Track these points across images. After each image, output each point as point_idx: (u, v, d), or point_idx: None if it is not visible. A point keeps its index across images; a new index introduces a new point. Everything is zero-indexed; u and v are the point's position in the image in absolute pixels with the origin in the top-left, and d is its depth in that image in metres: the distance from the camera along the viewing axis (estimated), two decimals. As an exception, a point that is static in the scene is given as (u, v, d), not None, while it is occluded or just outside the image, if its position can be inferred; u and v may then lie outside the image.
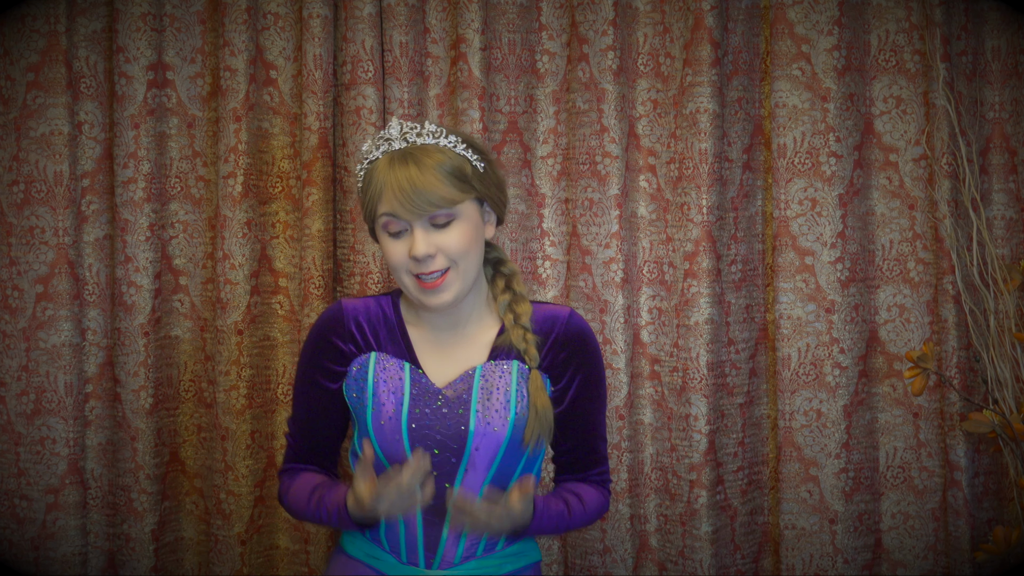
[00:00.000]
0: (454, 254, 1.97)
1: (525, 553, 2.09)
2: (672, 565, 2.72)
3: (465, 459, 1.99)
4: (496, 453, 2.00)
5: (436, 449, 1.98)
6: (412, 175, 1.95)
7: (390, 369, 2.03)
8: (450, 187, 1.97)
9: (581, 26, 2.74)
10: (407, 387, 2.01)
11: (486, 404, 2.00)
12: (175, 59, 2.77)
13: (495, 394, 2.01)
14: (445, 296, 1.98)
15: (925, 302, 2.73)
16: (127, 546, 2.75)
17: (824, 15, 2.70)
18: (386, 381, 2.02)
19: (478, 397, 2.00)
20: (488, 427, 1.99)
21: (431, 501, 1.92)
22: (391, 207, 1.97)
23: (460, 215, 1.99)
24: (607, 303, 2.73)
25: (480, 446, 1.99)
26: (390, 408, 2.00)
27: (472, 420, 1.98)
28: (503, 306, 2.07)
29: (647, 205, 2.75)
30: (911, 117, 2.72)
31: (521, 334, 2.04)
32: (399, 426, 1.99)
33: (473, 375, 2.02)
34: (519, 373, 2.03)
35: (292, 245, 2.79)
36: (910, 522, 2.74)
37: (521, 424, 2.00)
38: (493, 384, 2.01)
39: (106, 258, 2.77)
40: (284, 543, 2.80)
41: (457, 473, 1.99)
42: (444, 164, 1.98)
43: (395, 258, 1.98)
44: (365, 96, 2.72)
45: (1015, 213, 2.72)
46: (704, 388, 2.68)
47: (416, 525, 2.01)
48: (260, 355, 2.78)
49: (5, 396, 2.74)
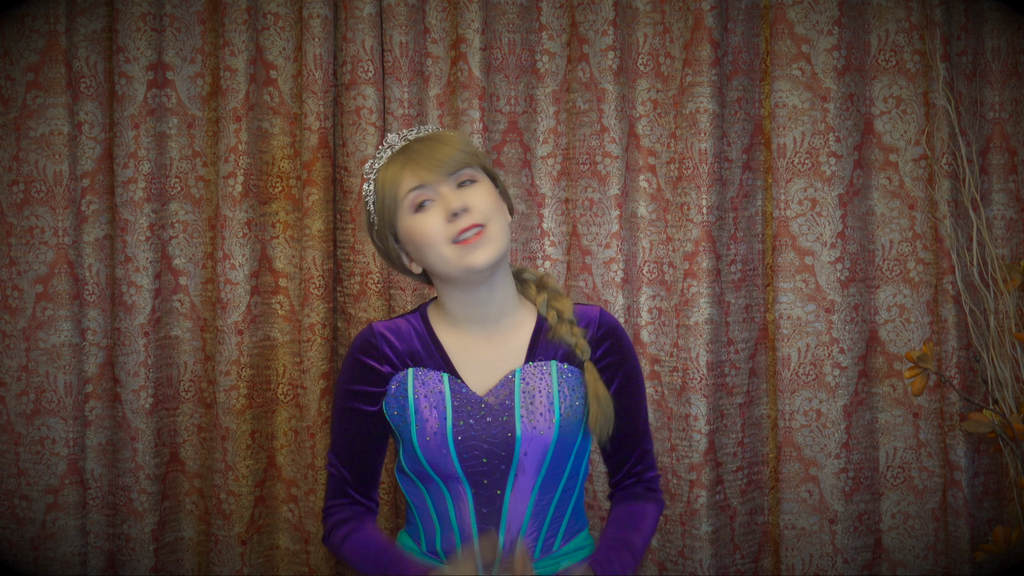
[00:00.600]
0: (484, 210, 1.97)
1: (583, 548, 2.09)
2: (672, 565, 2.72)
3: (515, 465, 1.98)
4: (545, 455, 1.99)
5: (484, 458, 1.98)
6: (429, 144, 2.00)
7: (429, 383, 2.01)
8: (467, 151, 2.01)
9: (581, 26, 2.74)
10: (448, 399, 1.99)
11: (530, 408, 1.99)
12: (175, 59, 2.77)
13: (537, 397, 2.00)
14: (487, 251, 1.95)
15: (925, 302, 2.73)
16: (127, 546, 2.75)
17: (824, 15, 2.70)
18: (427, 396, 2.00)
19: (521, 402, 1.99)
20: (535, 431, 1.98)
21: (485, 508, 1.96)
22: (415, 178, 1.98)
23: (479, 177, 2.00)
24: (607, 303, 2.73)
25: (528, 451, 1.98)
26: (434, 423, 1.98)
27: (518, 426, 1.98)
28: (543, 305, 2.06)
29: (647, 205, 2.75)
30: (911, 117, 2.72)
31: (568, 328, 2.03)
32: (445, 440, 1.97)
33: (513, 380, 2.01)
34: (559, 373, 2.02)
35: (292, 245, 2.78)
36: (910, 522, 2.74)
37: (568, 424, 2.00)
38: (534, 387, 2.00)
39: (106, 258, 2.77)
40: (284, 543, 2.80)
41: (507, 479, 1.99)
42: (458, 138, 2.03)
43: (430, 230, 1.97)
44: (365, 96, 2.72)
45: (1015, 213, 2.72)
46: (704, 388, 2.68)
47: (472, 534, 2.00)
48: (260, 355, 2.78)
49: (5, 396, 2.74)
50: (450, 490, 2.00)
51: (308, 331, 2.72)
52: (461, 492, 2.00)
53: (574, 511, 2.08)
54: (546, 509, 2.03)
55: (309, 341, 2.72)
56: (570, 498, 2.06)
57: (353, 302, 2.76)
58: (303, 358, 2.74)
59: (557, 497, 2.03)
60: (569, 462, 2.03)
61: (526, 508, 2.01)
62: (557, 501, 2.04)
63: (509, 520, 1.99)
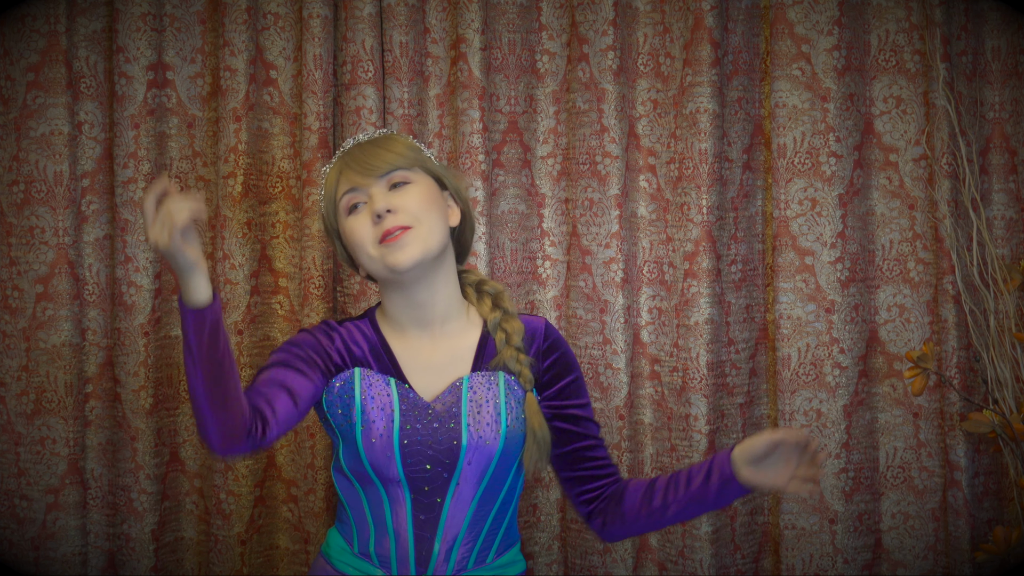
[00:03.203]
0: (413, 211, 1.99)
1: (514, 563, 2.08)
2: (672, 565, 2.72)
3: (457, 473, 1.98)
4: (488, 466, 1.98)
5: (428, 464, 1.97)
6: (366, 148, 2.05)
7: (376, 385, 2.01)
8: (403, 154, 2.05)
9: (581, 26, 2.74)
10: (396, 403, 1.99)
11: (476, 417, 1.98)
12: (175, 59, 2.77)
13: (485, 407, 1.99)
14: (409, 251, 1.96)
15: (925, 302, 2.73)
16: (127, 546, 2.75)
17: (824, 15, 2.70)
18: (374, 398, 2.00)
19: (468, 411, 1.99)
20: (480, 440, 1.97)
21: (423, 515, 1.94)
22: (348, 180, 2.03)
23: (416, 181, 2.03)
24: (607, 303, 2.73)
25: (472, 460, 1.97)
26: (380, 426, 1.98)
27: (464, 434, 1.97)
28: (494, 325, 2.05)
29: (647, 205, 2.75)
30: (911, 117, 2.72)
31: (515, 355, 2.03)
32: (391, 444, 1.97)
33: (461, 387, 2.00)
34: (506, 385, 2.02)
35: (292, 245, 2.79)
36: (910, 522, 2.74)
37: (512, 436, 1.99)
38: (482, 396, 1.99)
39: (106, 258, 2.77)
40: (284, 543, 2.80)
41: (449, 487, 1.98)
42: (403, 142, 2.08)
43: (358, 232, 2.00)
44: (365, 96, 2.72)
45: (1015, 213, 2.72)
46: (704, 388, 2.68)
47: (407, 539, 2.00)
48: (260, 355, 2.78)
49: (5, 396, 2.74)
50: (389, 494, 1.99)
51: (308, 331, 2.73)
52: (400, 497, 1.99)
53: (509, 525, 2.07)
54: (484, 520, 2.02)
55: (309, 341, 2.72)
56: (507, 511, 2.06)
57: (353, 302, 2.76)
58: (303, 358, 2.74)
59: (495, 509, 2.03)
60: (510, 475, 2.02)
61: (464, 517, 2.00)
62: (495, 513, 2.03)
63: (446, 528, 1.98)
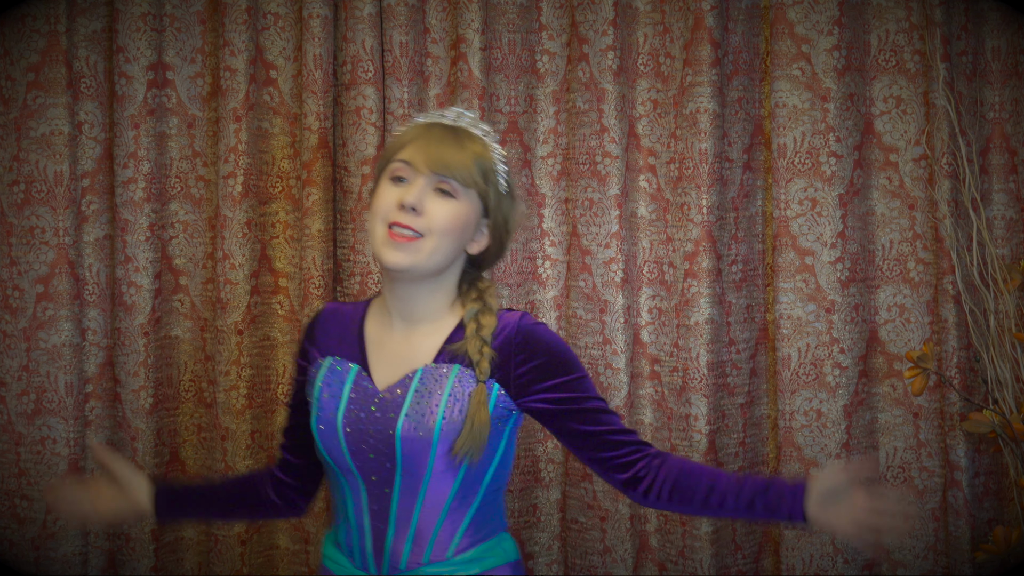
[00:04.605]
0: (436, 227, 1.94)
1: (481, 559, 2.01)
2: (672, 565, 2.72)
3: (399, 464, 1.96)
4: (428, 459, 1.96)
5: (371, 453, 1.96)
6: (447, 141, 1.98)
7: (336, 372, 2.02)
8: (470, 169, 1.97)
9: (581, 26, 2.74)
10: (347, 390, 1.99)
11: (417, 408, 1.94)
12: (175, 59, 2.77)
13: (430, 398, 1.96)
14: (403, 258, 1.93)
15: (925, 302, 2.73)
16: (127, 546, 2.75)
17: (824, 15, 2.70)
18: (331, 384, 2.00)
19: (411, 400, 1.96)
20: (414, 432, 1.93)
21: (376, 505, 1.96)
22: (410, 155, 1.96)
23: (462, 198, 1.97)
24: (607, 303, 2.73)
25: (410, 452, 1.95)
26: (328, 412, 1.98)
27: (399, 425, 1.95)
28: (470, 313, 2.01)
29: (647, 205, 2.75)
30: (911, 117, 2.72)
31: (478, 345, 1.97)
32: (335, 430, 1.97)
33: (412, 378, 1.98)
34: (457, 377, 1.98)
35: (292, 245, 2.79)
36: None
37: (450, 429, 1.94)
38: (430, 388, 1.96)
39: (106, 258, 2.77)
40: (284, 543, 2.80)
41: (395, 478, 1.97)
42: (480, 152, 1.99)
43: (383, 201, 1.96)
44: (365, 96, 2.72)
45: (1015, 213, 2.72)
46: (704, 388, 2.68)
47: (365, 530, 1.99)
48: (260, 355, 2.78)
49: (5, 396, 2.74)
50: (349, 483, 1.99)
51: (308, 331, 2.73)
52: (356, 486, 1.99)
53: (476, 519, 2.00)
54: (436, 513, 1.97)
55: (309, 341, 2.73)
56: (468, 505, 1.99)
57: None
58: (303, 358, 2.74)
59: (450, 502, 1.97)
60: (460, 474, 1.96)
61: (414, 509, 1.98)
62: (450, 507, 1.97)
63: (398, 520, 1.96)
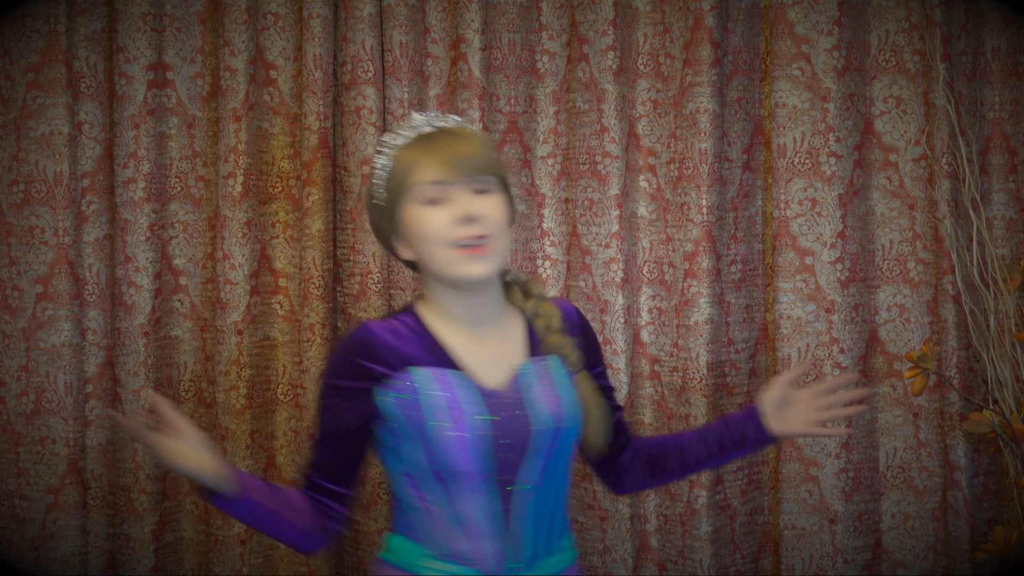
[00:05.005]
0: (493, 224, 1.93)
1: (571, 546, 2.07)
2: (672, 565, 2.72)
3: (526, 458, 1.98)
4: (553, 448, 1.99)
5: (500, 453, 1.97)
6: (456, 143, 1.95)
7: (440, 380, 1.99)
8: (492, 160, 1.97)
9: (581, 26, 2.74)
10: (463, 395, 1.98)
11: (542, 402, 1.99)
12: (175, 59, 2.77)
13: (547, 391, 2.00)
14: (487, 265, 1.92)
15: (925, 302, 2.73)
16: (127, 546, 2.75)
17: (824, 15, 2.70)
18: (440, 393, 1.98)
19: (534, 396, 1.99)
20: (549, 424, 1.98)
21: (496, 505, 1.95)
22: (435, 173, 1.92)
23: (495, 189, 1.97)
24: (607, 303, 2.73)
25: (543, 444, 1.98)
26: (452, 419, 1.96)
27: (533, 419, 1.98)
28: (531, 313, 2.05)
29: (647, 205, 2.75)
30: (911, 117, 2.72)
31: (559, 340, 2.02)
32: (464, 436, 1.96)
33: (522, 374, 2.01)
34: (558, 367, 2.02)
35: (292, 245, 2.79)
36: (910, 522, 2.74)
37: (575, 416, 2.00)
38: (541, 381, 2.00)
39: (106, 258, 2.77)
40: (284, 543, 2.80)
41: (517, 473, 1.98)
42: (484, 139, 2.00)
43: (434, 227, 1.91)
44: (365, 96, 2.72)
45: (1015, 213, 2.72)
46: (704, 388, 2.68)
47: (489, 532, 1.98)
48: (260, 355, 2.78)
49: (5, 396, 2.74)
50: (464, 487, 1.98)
51: (308, 331, 2.72)
52: (476, 489, 1.98)
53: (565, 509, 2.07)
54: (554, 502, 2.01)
55: (309, 341, 2.72)
56: (566, 495, 2.06)
57: (353, 302, 2.76)
58: (303, 358, 2.74)
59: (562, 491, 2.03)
60: (567, 455, 2.04)
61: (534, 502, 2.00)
62: (561, 495, 2.03)
63: (520, 516, 1.98)
